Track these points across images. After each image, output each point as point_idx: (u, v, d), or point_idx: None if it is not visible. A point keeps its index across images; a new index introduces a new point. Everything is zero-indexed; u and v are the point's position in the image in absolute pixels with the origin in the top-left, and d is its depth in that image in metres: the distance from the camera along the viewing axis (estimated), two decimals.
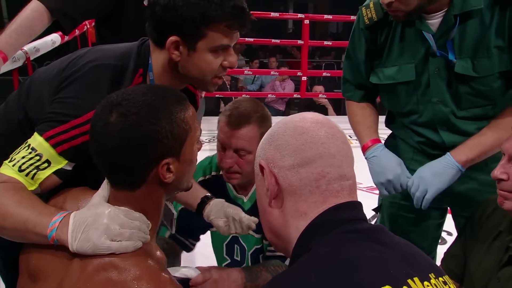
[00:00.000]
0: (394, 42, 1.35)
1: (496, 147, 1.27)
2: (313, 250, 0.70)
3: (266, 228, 0.82)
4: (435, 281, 0.70)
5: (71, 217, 0.87)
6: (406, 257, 0.72)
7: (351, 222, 0.73)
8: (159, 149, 0.86)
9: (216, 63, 1.05)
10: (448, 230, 1.62)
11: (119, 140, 0.84)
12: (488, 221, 1.28)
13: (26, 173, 0.96)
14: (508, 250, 1.18)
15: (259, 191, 0.81)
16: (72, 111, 1.00)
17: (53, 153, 0.98)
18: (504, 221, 1.23)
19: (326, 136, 0.76)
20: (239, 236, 1.47)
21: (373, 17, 1.34)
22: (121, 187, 0.89)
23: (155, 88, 0.92)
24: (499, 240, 1.23)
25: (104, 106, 0.87)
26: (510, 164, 1.13)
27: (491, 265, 1.21)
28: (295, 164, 0.75)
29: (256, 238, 1.45)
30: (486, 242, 1.26)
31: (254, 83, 7.11)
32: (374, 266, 0.67)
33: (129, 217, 0.86)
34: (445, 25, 1.25)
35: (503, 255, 1.20)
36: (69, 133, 0.99)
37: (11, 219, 0.91)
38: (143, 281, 0.80)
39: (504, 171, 1.14)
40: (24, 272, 0.91)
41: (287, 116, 0.83)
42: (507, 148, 1.15)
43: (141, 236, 0.86)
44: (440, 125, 1.35)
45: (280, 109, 6.17)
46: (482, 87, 1.27)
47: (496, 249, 1.22)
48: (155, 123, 0.85)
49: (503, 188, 1.14)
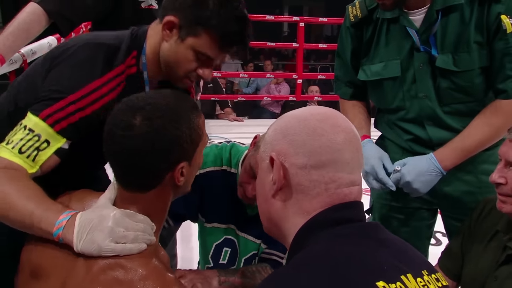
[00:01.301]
0: (380, 39, 1.37)
1: (480, 148, 1.29)
2: (310, 247, 0.70)
3: (264, 216, 0.80)
4: (428, 277, 0.70)
5: (77, 218, 0.86)
6: (400, 253, 0.72)
7: (351, 221, 0.73)
8: (179, 153, 0.87)
9: (192, 65, 1.05)
10: (443, 231, 1.63)
11: (144, 143, 0.84)
12: (485, 221, 1.28)
13: (27, 155, 0.95)
14: (505, 249, 1.19)
15: (263, 179, 0.79)
16: (67, 87, 0.99)
17: (52, 132, 0.97)
18: (501, 221, 1.23)
19: (344, 142, 0.74)
20: (236, 240, 1.43)
21: (358, 14, 1.37)
22: (133, 188, 0.88)
23: (173, 93, 0.92)
24: (496, 240, 1.23)
25: (124, 109, 0.86)
26: (507, 168, 1.14)
27: (488, 264, 1.21)
28: (308, 165, 0.73)
29: (256, 243, 1.41)
30: (484, 241, 1.26)
31: (250, 86, 7.12)
32: (368, 262, 0.67)
33: (134, 220, 0.86)
34: (428, 20, 1.27)
35: (500, 254, 1.20)
36: (66, 110, 0.98)
37: (16, 210, 0.90)
38: (149, 280, 0.80)
39: (502, 175, 1.14)
40: (26, 269, 0.90)
41: (304, 109, 0.80)
42: (503, 153, 1.15)
43: (145, 238, 0.86)
44: (427, 120, 1.36)
45: (276, 112, 6.19)
46: (463, 82, 1.29)
47: (493, 249, 1.23)
48: (178, 127, 0.86)
49: (501, 192, 1.15)
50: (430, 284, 0.69)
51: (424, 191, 1.32)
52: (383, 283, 0.64)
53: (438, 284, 0.71)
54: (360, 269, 0.65)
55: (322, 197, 0.73)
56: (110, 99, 1.02)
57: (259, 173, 0.81)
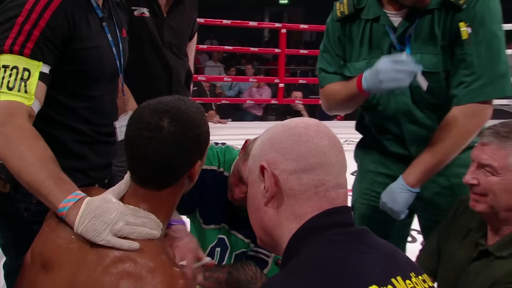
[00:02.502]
0: (364, 37, 1.39)
1: (443, 163, 1.33)
2: (304, 253, 0.71)
3: (257, 226, 0.82)
4: (416, 279, 0.72)
5: (83, 202, 0.88)
6: (389, 257, 0.74)
7: (340, 226, 0.74)
8: (200, 151, 0.92)
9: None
10: (418, 229, 1.69)
11: (173, 143, 0.87)
12: (460, 220, 1.32)
13: (17, 89, 0.96)
14: (477, 246, 1.23)
15: (254, 190, 0.80)
16: (11, 12, 0.99)
17: (25, 59, 0.98)
18: (473, 219, 1.27)
19: (328, 145, 0.77)
20: (225, 237, 1.45)
21: (345, 11, 1.40)
22: (151, 186, 0.90)
23: (185, 99, 0.95)
24: (469, 237, 1.27)
25: (149, 113, 0.88)
26: (479, 170, 1.18)
27: (462, 260, 1.25)
28: (297, 169, 0.75)
29: (245, 243, 1.43)
30: (458, 239, 1.30)
31: (232, 89, 7.15)
32: (361, 267, 0.68)
33: (136, 215, 0.88)
34: (406, 21, 1.31)
35: (473, 250, 1.23)
36: (23, 32, 0.98)
37: (27, 175, 0.92)
38: (157, 273, 0.82)
39: (475, 176, 1.18)
40: (37, 261, 0.91)
41: (287, 121, 0.83)
42: (475, 156, 1.19)
43: (144, 233, 0.87)
44: (402, 116, 1.39)
45: (258, 114, 6.21)
46: (431, 83, 1.31)
47: (466, 246, 1.26)
48: (199, 128, 0.90)
49: (474, 192, 1.19)
50: (418, 285, 0.71)
51: (398, 209, 1.35)
52: (375, 287, 0.65)
53: (425, 285, 0.73)
54: (353, 274, 0.67)
55: (313, 200, 0.75)
56: (53, 10, 1.02)
57: (250, 186, 0.83)
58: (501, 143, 1.14)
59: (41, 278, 0.88)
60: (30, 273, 0.93)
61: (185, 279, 0.85)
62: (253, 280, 1.36)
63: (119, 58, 1.20)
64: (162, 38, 1.91)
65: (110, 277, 0.82)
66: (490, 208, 1.16)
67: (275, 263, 1.37)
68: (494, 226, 1.20)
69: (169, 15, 1.92)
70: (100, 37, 1.15)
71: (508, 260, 1.15)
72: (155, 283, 0.81)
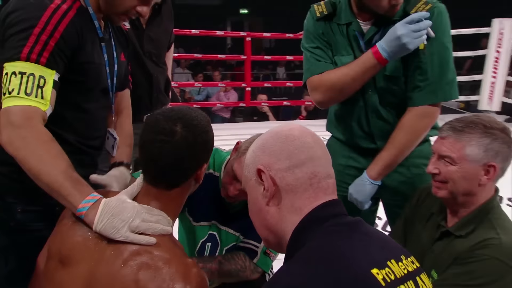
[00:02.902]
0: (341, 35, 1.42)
1: (400, 156, 1.40)
2: (308, 244, 0.73)
3: (262, 226, 0.83)
4: (406, 261, 0.75)
5: (101, 203, 0.89)
6: (382, 243, 0.77)
7: (337, 217, 0.77)
8: (206, 155, 0.94)
9: (132, 2, 1.08)
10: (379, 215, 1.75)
11: (185, 146, 0.89)
12: (423, 205, 1.37)
13: (35, 95, 0.96)
14: (439, 227, 1.28)
15: (254, 194, 0.82)
16: (28, 22, 0.99)
17: (40, 67, 0.98)
18: (434, 204, 1.32)
19: (313, 141, 0.80)
20: (216, 234, 1.45)
21: (323, 11, 1.42)
22: (162, 186, 0.92)
23: (194, 108, 0.97)
24: (431, 220, 1.32)
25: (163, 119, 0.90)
26: (439, 161, 1.23)
27: (426, 241, 1.30)
28: (291, 166, 0.78)
29: (235, 236, 1.44)
30: (422, 222, 1.35)
31: (201, 94, 7.13)
32: (361, 253, 0.70)
33: (151, 213, 0.90)
34: (372, 29, 1.37)
35: (435, 232, 1.29)
36: (41, 41, 0.98)
37: (46, 178, 0.92)
38: (173, 263, 0.84)
39: (436, 166, 1.23)
40: (55, 257, 0.91)
41: (271, 129, 0.85)
42: (436, 148, 1.24)
43: (159, 229, 0.89)
44: (371, 113, 1.44)
45: (226, 117, 6.21)
46: (393, 86, 1.39)
47: (429, 228, 1.31)
48: (207, 134, 0.93)
49: (436, 180, 1.24)
50: (408, 266, 0.74)
51: (362, 199, 1.41)
52: (376, 270, 0.68)
53: (413, 266, 0.76)
54: (356, 260, 0.69)
55: (309, 192, 0.77)
56: (67, 23, 1.02)
57: (249, 193, 0.84)
58: (458, 137, 1.20)
59: (59, 273, 0.89)
60: (47, 269, 0.92)
61: (197, 267, 0.87)
62: (243, 269, 1.37)
63: (111, 77, 1.19)
64: (142, 48, 1.89)
65: (130, 269, 0.83)
66: (450, 194, 1.22)
67: (264, 253, 1.38)
68: (453, 210, 1.26)
69: (148, 26, 1.90)
70: (98, 55, 1.14)
71: (466, 238, 1.21)
72: (172, 272, 0.83)
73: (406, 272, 0.73)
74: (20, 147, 0.94)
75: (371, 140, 1.48)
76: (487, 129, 1.19)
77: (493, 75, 4.97)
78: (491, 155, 1.18)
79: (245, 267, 1.37)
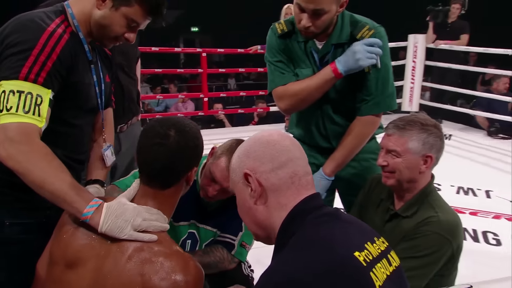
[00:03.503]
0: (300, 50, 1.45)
1: (350, 155, 1.47)
2: (297, 234, 0.74)
3: (251, 223, 0.83)
4: (378, 242, 0.78)
5: (104, 206, 0.88)
6: (359, 227, 0.80)
7: (318, 208, 0.79)
8: (196, 159, 0.93)
9: (123, 30, 1.07)
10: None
11: (177, 149, 0.88)
12: (374, 192, 1.44)
13: (32, 113, 0.92)
14: (388, 211, 1.35)
15: (242, 195, 0.82)
16: (27, 44, 0.95)
17: (38, 87, 0.94)
18: (383, 191, 1.40)
19: (291, 144, 0.82)
20: (195, 232, 1.43)
21: (284, 28, 1.45)
22: (156, 186, 0.91)
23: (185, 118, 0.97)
24: (381, 205, 1.39)
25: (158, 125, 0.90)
26: (387, 155, 1.30)
27: (378, 223, 1.36)
28: (274, 168, 0.79)
29: (213, 231, 1.43)
30: (374, 207, 1.42)
31: (160, 105, 6.98)
32: (343, 239, 0.73)
33: (149, 212, 0.89)
34: (325, 49, 1.42)
35: (385, 215, 1.36)
36: (39, 62, 0.95)
37: (51, 187, 0.90)
38: (174, 257, 0.85)
39: (384, 159, 1.30)
40: (60, 262, 0.88)
41: (253, 136, 0.86)
42: (383, 144, 1.32)
43: (159, 226, 0.89)
44: (326, 118, 1.51)
45: None
46: (341, 97, 1.46)
47: (380, 212, 1.39)
48: (198, 139, 0.93)
49: (385, 171, 1.31)
50: (381, 246, 0.78)
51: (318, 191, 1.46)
52: (358, 253, 0.70)
53: (384, 245, 0.79)
54: (340, 245, 0.71)
55: (292, 189, 0.79)
56: (63, 45, 1.00)
57: (237, 194, 0.84)
58: (401, 133, 1.28)
59: (67, 276, 0.87)
60: (52, 274, 0.89)
61: (193, 260, 0.87)
62: (221, 260, 1.37)
63: (101, 96, 1.17)
64: (113, 60, 1.83)
65: (135, 264, 0.83)
66: (397, 182, 1.29)
67: (240, 245, 1.39)
68: (399, 195, 1.33)
69: None
70: (87, 76, 1.11)
71: (411, 218, 1.29)
72: (173, 265, 0.83)
73: (379, 252, 0.76)
74: (22, 161, 0.90)
75: (328, 141, 1.54)
76: (423, 126, 1.28)
77: (412, 81, 5.31)
78: (428, 148, 1.27)
79: (223, 258, 1.37)
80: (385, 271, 0.74)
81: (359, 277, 0.69)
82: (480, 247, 2.40)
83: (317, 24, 1.31)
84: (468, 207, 2.89)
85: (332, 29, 1.39)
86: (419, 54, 5.23)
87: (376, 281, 0.70)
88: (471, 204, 2.98)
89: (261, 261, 1.77)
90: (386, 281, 0.73)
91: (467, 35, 4.97)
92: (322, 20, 1.30)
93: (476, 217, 2.79)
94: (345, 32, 1.40)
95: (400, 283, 0.78)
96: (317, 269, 0.67)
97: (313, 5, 1.26)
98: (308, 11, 1.28)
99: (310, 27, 1.31)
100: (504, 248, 2.41)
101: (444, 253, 1.22)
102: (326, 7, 1.27)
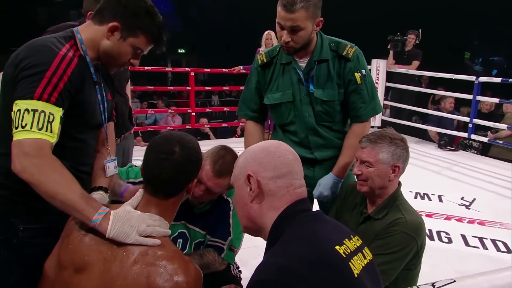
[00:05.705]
0: (278, 76, 1.51)
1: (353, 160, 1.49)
2: (286, 232, 0.77)
3: (244, 216, 0.85)
4: (354, 239, 0.82)
5: (111, 214, 0.87)
6: (337, 227, 0.83)
7: (305, 211, 0.82)
8: (197, 171, 0.93)
9: (128, 57, 1.08)
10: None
11: (182, 163, 0.88)
12: (349, 198, 1.46)
13: (45, 129, 0.92)
14: (362, 214, 1.39)
15: (241, 192, 0.84)
16: (41, 67, 0.94)
17: (50, 105, 0.94)
18: (357, 197, 1.43)
19: (293, 159, 0.84)
20: (186, 231, 1.42)
21: (264, 60, 1.53)
22: (160, 196, 0.90)
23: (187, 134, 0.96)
24: (356, 209, 1.42)
25: (164, 142, 0.90)
26: (361, 165, 1.34)
27: (353, 225, 1.39)
28: (274, 176, 0.81)
29: (202, 234, 1.43)
30: (349, 211, 1.44)
31: (148, 119, 6.92)
32: (325, 235, 0.76)
33: (153, 219, 0.89)
34: (309, 66, 1.46)
35: (359, 218, 1.39)
36: (52, 83, 0.94)
37: (63, 197, 0.89)
38: (175, 260, 0.84)
39: (359, 169, 1.34)
40: (69, 267, 0.86)
41: (262, 143, 0.88)
42: (358, 156, 1.36)
43: (161, 232, 0.89)
44: (309, 131, 1.52)
45: None
46: (328, 108, 1.49)
47: (355, 215, 1.42)
48: (199, 154, 0.93)
49: (360, 179, 1.34)
50: (356, 243, 0.81)
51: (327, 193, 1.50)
52: (338, 247, 0.74)
53: (358, 242, 0.83)
54: (323, 239, 0.74)
55: (286, 196, 0.81)
56: (73, 68, 0.99)
57: (236, 189, 0.86)
58: (373, 146, 1.32)
59: (76, 279, 0.85)
60: (61, 278, 0.87)
61: (193, 263, 0.87)
62: (213, 262, 1.37)
63: (104, 113, 1.16)
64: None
65: (140, 267, 0.82)
66: (370, 189, 1.33)
67: (229, 249, 1.40)
68: (372, 200, 1.37)
69: None
70: (93, 95, 1.11)
71: (382, 220, 1.33)
72: (175, 267, 0.83)
73: (356, 247, 0.80)
74: (35, 173, 0.89)
75: (310, 151, 1.56)
76: (392, 139, 1.33)
77: None
78: (396, 158, 1.32)
79: (215, 260, 1.38)
80: (361, 263, 0.78)
81: (340, 265, 0.73)
82: (435, 244, 2.48)
83: (295, 39, 1.37)
84: (424, 210, 2.98)
85: (314, 48, 1.45)
86: (381, 76, 5.43)
87: (354, 270, 0.74)
88: (427, 207, 3.08)
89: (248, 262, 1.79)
90: (362, 271, 0.76)
91: (418, 62, 5.25)
92: (299, 35, 1.36)
93: (431, 219, 2.89)
94: (325, 50, 1.46)
95: (373, 273, 0.81)
96: (304, 258, 0.70)
97: (290, 22, 1.33)
98: (287, 28, 1.35)
99: (289, 42, 1.38)
100: (454, 245, 2.51)
101: (411, 249, 1.26)
102: (301, 24, 1.34)
